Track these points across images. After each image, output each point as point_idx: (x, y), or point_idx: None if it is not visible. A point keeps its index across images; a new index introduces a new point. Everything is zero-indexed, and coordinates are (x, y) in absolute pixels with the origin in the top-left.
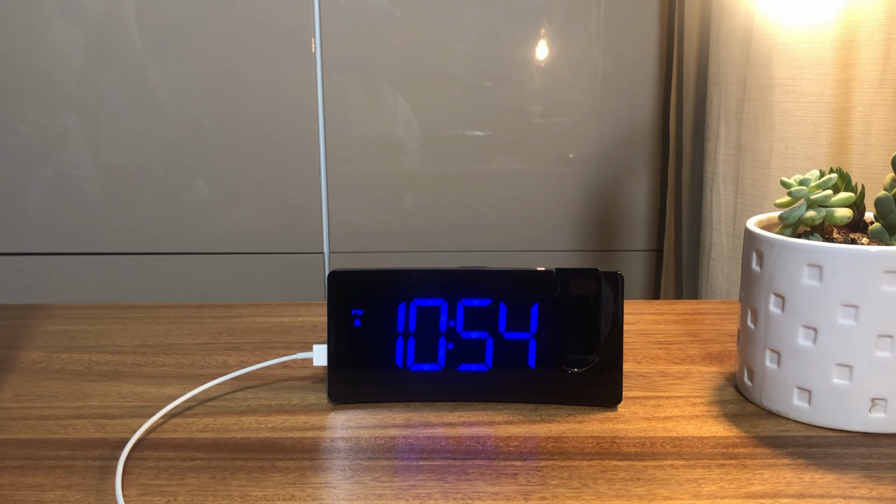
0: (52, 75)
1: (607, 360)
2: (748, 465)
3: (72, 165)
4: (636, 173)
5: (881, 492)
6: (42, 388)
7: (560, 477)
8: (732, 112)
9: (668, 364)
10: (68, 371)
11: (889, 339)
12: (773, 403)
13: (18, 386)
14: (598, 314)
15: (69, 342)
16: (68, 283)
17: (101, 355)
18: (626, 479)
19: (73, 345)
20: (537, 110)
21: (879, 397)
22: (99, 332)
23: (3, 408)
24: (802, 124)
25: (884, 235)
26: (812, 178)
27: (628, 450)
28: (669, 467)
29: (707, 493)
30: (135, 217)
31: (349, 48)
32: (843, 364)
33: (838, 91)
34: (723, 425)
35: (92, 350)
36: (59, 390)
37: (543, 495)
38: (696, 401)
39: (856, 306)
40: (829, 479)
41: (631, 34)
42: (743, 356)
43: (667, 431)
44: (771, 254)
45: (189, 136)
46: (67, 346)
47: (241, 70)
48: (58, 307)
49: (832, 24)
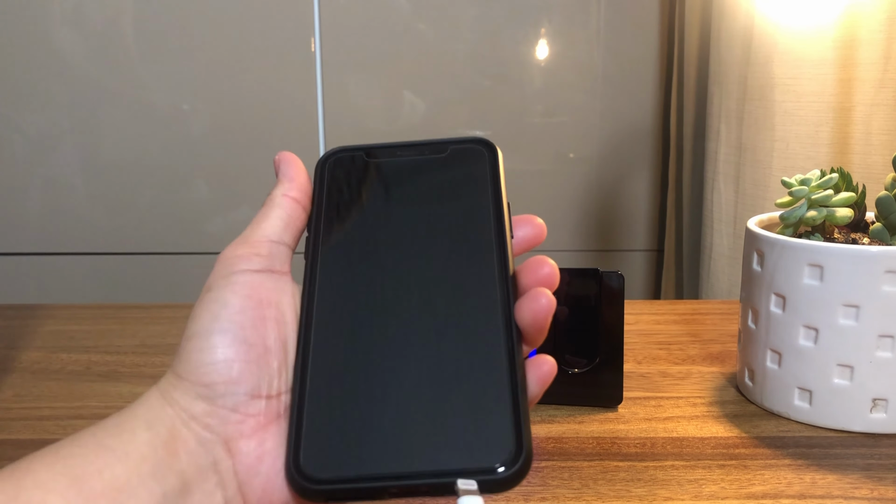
0: (53, 75)
1: (608, 360)
2: (749, 465)
3: (72, 165)
4: (637, 173)
5: (882, 492)
6: (41, 388)
7: (560, 477)
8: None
9: (669, 364)
10: (67, 371)
11: (890, 339)
12: (773, 404)
13: (17, 386)
14: (598, 314)
15: (68, 342)
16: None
17: (100, 355)
18: (627, 480)
19: (72, 345)
20: (537, 110)
21: (880, 397)
22: (98, 332)
23: (2, 408)
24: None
25: (885, 235)
26: (813, 178)
27: (629, 450)
28: (670, 468)
29: (708, 493)
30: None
31: (349, 48)
32: (843, 364)
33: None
34: (723, 426)
35: (91, 350)
36: (59, 390)
37: (544, 496)
38: (697, 401)
39: (857, 306)
40: (830, 479)
41: (631, 34)
42: (744, 356)
43: (667, 432)
44: (772, 254)
45: (189, 135)
46: (66, 347)
47: (241, 70)
48: (57, 307)
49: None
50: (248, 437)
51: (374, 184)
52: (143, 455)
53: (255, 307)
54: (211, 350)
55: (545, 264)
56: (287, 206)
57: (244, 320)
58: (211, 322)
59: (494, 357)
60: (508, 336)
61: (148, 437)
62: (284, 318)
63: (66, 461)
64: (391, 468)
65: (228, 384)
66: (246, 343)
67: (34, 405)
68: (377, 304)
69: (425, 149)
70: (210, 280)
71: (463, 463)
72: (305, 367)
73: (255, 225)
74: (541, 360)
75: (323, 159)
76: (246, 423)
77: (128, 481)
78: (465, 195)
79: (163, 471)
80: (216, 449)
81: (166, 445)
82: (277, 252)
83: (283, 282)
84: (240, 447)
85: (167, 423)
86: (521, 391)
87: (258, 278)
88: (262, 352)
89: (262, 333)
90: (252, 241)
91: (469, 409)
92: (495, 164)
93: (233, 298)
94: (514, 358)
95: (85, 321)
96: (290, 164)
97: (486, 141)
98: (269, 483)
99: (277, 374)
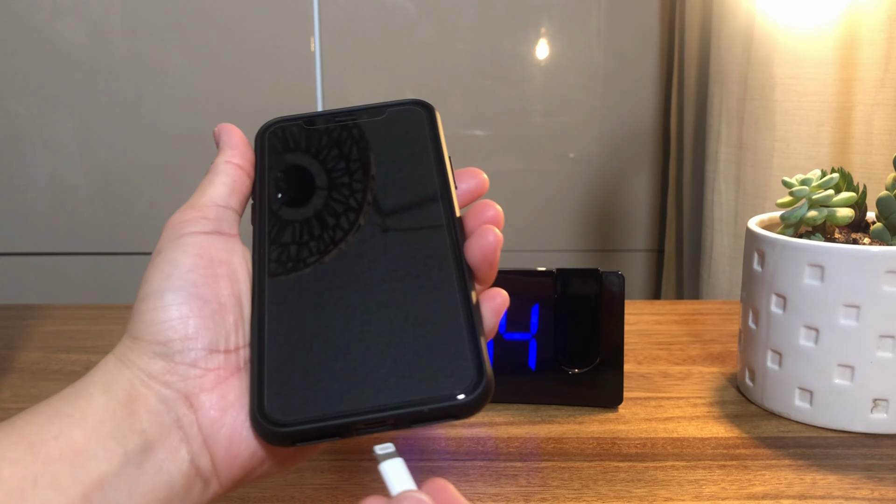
0: (53, 75)
1: (608, 360)
2: (749, 465)
3: (71, 165)
4: (637, 173)
5: (883, 493)
6: (40, 388)
7: (560, 478)
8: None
9: (669, 364)
10: (67, 372)
11: (891, 339)
12: (774, 404)
13: (17, 387)
14: (598, 314)
15: (67, 342)
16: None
17: (99, 356)
18: (627, 481)
19: (71, 345)
20: (538, 109)
21: (881, 398)
22: (97, 332)
23: (1, 409)
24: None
25: (886, 235)
26: (814, 178)
27: (629, 451)
28: (670, 468)
29: (708, 494)
30: (134, 217)
31: (349, 48)
32: (844, 364)
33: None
34: (724, 426)
35: (90, 350)
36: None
37: (544, 496)
38: (698, 401)
39: (857, 307)
40: (831, 479)
41: (632, 33)
42: (744, 357)
43: (668, 432)
44: (772, 254)
45: (188, 135)
46: (66, 347)
47: (241, 69)
48: (56, 307)
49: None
50: (209, 391)
51: (316, 148)
52: (101, 417)
53: (207, 265)
54: (165, 308)
55: (490, 207)
56: (231, 171)
57: (196, 278)
58: (163, 281)
59: (448, 294)
60: (460, 273)
61: (105, 400)
62: (237, 276)
63: (21, 430)
64: (356, 405)
65: (185, 340)
66: (200, 299)
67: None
68: (329, 256)
69: (363, 113)
70: (159, 244)
71: (425, 393)
72: (262, 318)
73: (201, 191)
74: (493, 292)
75: (263, 129)
76: (206, 377)
77: (87, 444)
78: (407, 152)
79: (123, 431)
80: (178, 405)
81: (125, 406)
82: (224, 216)
83: (233, 242)
84: (202, 401)
85: (124, 384)
86: (478, 322)
87: (207, 239)
88: (217, 307)
89: (216, 290)
90: (199, 206)
91: (428, 343)
92: (433, 122)
93: (183, 258)
94: (467, 293)
95: (84, 321)
96: (231, 132)
97: (422, 102)
98: (235, 433)
99: (234, 328)
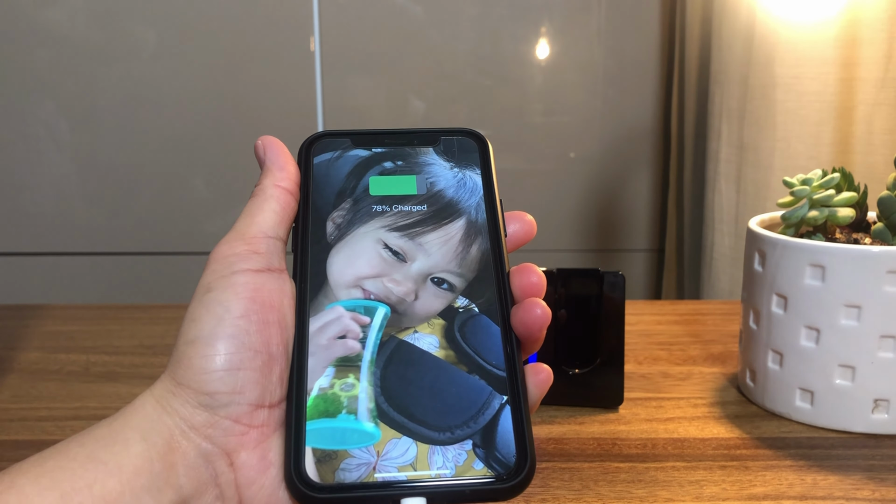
0: (52, 75)
1: (608, 360)
2: (750, 466)
3: (71, 165)
4: (637, 173)
5: (884, 493)
6: (40, 388)
7: (561, 479)
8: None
9: (670, 365)
10: (66, 372)
11: (892, 339)
12: (775, 404)
13: (16, 387)
14: (599, 314)
15: (67, 343)
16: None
17: (98, 356)
18: (628, 481)
19: (70, 345)
20: (538, 109)
21: (882, 398)
22: (97, 332)
23: (0, 409)
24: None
25: (887, 235)
26: (814, 178)
27: (629, 451)
28: (671, 469)
29: (709, 494)
30: (133, 217)
31: (349, 48)
32: (845, 365)
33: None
34: (725, 426)
35: (90, 351)
36: (57, 391)
37: (544, 497)
38: (698, 402)
39: (858, 307)
40: (832, 480)
41: (632, 33)
42: (745, 357)
43: (668, 433)
44: (773, 254)
45: (188, 135)
46: (65, 347)
47: (240, 69)
48: (55, 307)
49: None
50: (250, 449)
51: (365, 174)
52: (137, 468)
53: (259, 311)
54: (215, 357)
55: (534, 273)
56: (280, 197)
57: (249, 325)
58: (214, 326)
59: (496, 366)
60: (508, 343)
61: (143, 449)
62: (286, 322)
63: (54, 474)
64: (396, 476)
65: (233, 394)
66: (251, 349)
67: (32, 406)
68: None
69: (414, 138)
70: (208, 279)
71: (467, 473)
72: (302, 371)
73: (250, 219)
74: (538, 367)
75: (307, 143)
76: (249, 434)
77: (120, 496)
78: (462, 192)
79: (159, 485)
80: (217, 461)
81: (163, 458)
82: (274, 248)
83: (283, 280)
84: (242, 460)
85: (164, 433)
86: (524, 401)
87: (259, 279)
88: (267, 359)
89: (266, 339)
90: (248, 238)
91: (473, 420)
92: (486, 158)
93: (235, 301)
94: (515, 368)
95: (84, 321)
96: (278, 151)
97: (477, 133)
98: (273, 496)
99: (280, 381)
